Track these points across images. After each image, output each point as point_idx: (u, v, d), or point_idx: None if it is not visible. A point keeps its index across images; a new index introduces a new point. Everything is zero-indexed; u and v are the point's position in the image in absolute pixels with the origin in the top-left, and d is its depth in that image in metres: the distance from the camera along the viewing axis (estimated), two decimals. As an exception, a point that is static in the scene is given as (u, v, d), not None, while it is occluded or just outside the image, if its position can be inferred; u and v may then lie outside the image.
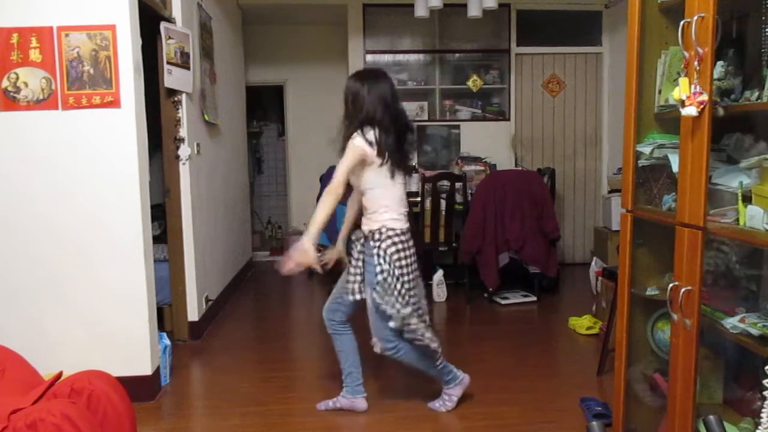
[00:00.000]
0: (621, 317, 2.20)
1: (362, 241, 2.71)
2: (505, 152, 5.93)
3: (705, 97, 1.64)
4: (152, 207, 3.17)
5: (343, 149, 2.62)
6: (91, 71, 2.79)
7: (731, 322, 1.73)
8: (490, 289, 4.66)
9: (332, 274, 2.96)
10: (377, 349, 2.72)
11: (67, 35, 2.77)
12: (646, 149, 2.02)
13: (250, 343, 3.97)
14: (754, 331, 1.64)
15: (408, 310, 2.63)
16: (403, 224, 2.68)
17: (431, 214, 4.69)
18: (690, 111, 1.67)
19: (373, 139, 2.58)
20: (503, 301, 4.71)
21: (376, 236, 2.62)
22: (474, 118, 5.97)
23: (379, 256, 2.60)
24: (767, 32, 1.76)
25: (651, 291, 2.13)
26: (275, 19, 6.39)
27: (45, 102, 2.79)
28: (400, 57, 6.00)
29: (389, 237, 2.62)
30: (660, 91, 2.04)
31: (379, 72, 2.74)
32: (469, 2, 4.99)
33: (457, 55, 6.05)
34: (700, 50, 1.66)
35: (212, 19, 4.54)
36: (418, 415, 2.80)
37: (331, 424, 2.73)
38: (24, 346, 2.33)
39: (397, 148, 2.65)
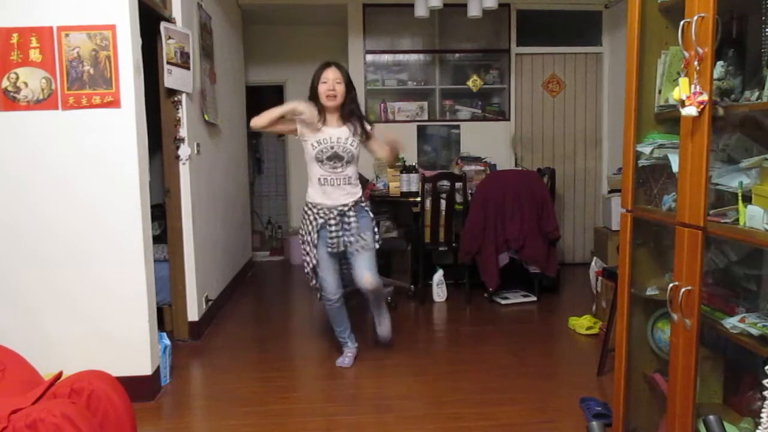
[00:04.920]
0: (621, 317, 2.20)
1: (347, 209, 3.24)
2: (505, 152, 5.94)
3: (705, 97, 1.64)
4: (152, 207, 3.18)
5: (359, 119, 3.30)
6: (91, 71, 2.80)
7: (731, 322, 1.73)
8: (490, 289, 4.66)
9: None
10: (372, 283, 3.24)
11: (67, 35, 2.77)
12: (646, 149, 2.02)
13: (250, 343, 3.97)
14: (754, 331, 1.64)
15: None
16: None
17: (431, 214, 4.69)
18: (690, 111, 1.67)
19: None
20: (503, 301, 4.71)
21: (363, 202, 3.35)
22: (474, 118, 5.97)
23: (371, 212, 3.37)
24: (767, 32, 1.76)
25: (651, 291, 2.13)
26: (275, 19, 6.39)
27: (45, 102, 2.79)
28: (400, 57, 6.00)
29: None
30: (660, 91, 2.04)
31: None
32: (469, 2, 5.00)
33: (457, 55, 6.05)
34: (700, 50, 1.66)
35: (212, 19, 4.54)
36: (418, 415, 2.80)
37: (331, 424, 2.73)
38: (24, 346, 2.33)
39: None
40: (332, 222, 3.21)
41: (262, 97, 7.09)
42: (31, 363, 2.15)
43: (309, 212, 3.28)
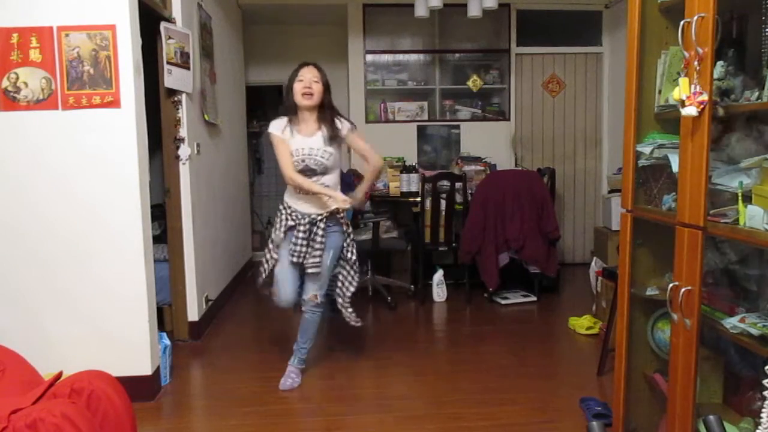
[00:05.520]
0: (621, 317, 2.20)
1: (318, 219, 3.05)
2: (505, 152, 5.94)
3: (705, 97, 1.64)
4: (152, 207, 3.18)
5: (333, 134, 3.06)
6: (91, 71, 2.79)
7: (731, 322, 1.73)
8: (490, 289, 4.66)
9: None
10: (314, 301, 3.11)
11: (67, 35, 2.77)
12: (646, 149, 2.02)
13: (250, 343, 3.97)
14: (754, 331, 1.64)
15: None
16: None
17: (431, 214, 4.69)
18: (690, 111, 1.67)
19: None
20: (503, 301, 4.71)
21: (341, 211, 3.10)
22: (474, 118, 5.97)
23: (347, 226, 3.18)
24: (767, 32, 1.76)
25: (651, 291, 2.13)
26: (275, 19, 6.38)
27: (45, 102, 2.79)
28: (400, 57, 6.00)
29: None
30: (660, 91, 2.04)
31: None
32: (469, 2, 5.00)
33: (457, 55, 6.05)
34: (700, 50, 1.66)
35: (212, 19, 4.54)
36: (418, 415, 2.80)
37: (331, 424, 2.73)
38: (24, 346, 2.33)
39: None
40: (301, 229, 3.03)
41: (262, 97, 7.12)
42: (31, 363, 2.15)
43: (282, 211, 3.13)
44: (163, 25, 3.47)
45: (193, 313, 3.89)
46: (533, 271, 4.76)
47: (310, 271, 3.05)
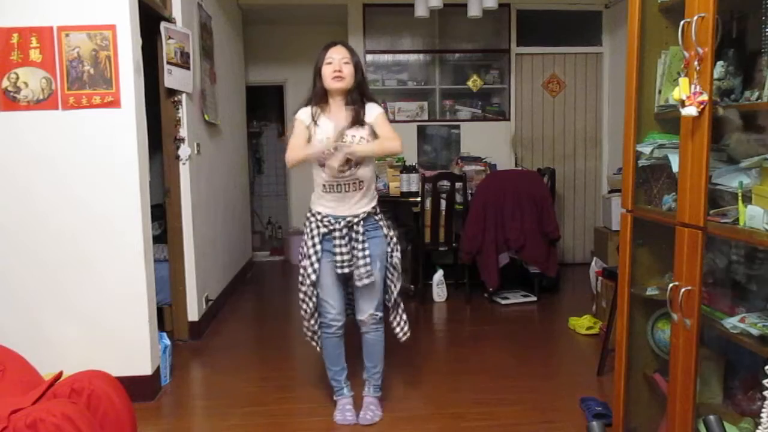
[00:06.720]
0: (621, 317, 2.20)
1: (356, 220, 2.66)
2: (505, 152, 5.94)
3: (705, 97, 1.64)
4: (152, 207, 3.17)
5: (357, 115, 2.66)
6: (91, 71, 2.79)
7: (731, 322, 1.73)
8: (490, 289, 4.66)
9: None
10: (374, 319, 2.74)
11: (67, 35, 2.77)
12: (646, 149, 2.02)
13: (250, 343, 3.97)
14: (754, 331, 1.64)
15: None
16: None
17: (431, 214, 4.69)
18: (690, 111, 1.67)
19: None
20: (503, 301, 4.71)
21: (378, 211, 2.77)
22: (474, 118, 5.97)
23: (388, 227, 2.78)
24: (767, 32, 1.76)
25: (651, 291, 2.13)
26: (275, 19, 6.39)
27: (45, 102, 2.79)
28: (400, 57, 6.00)
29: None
30: (660, 91, 2.05)
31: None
32: (469, 2, 5.00)
33: (457, 55, 6.05)
34: (700, 50, 1.66)
35: (212, 19, 4.54)
36: (418, 415, 2.80)
37: (332, 424, 2.73)
38: (24, 346, 2.33)
39: None
40: (337, 234, 2.63)
41: (262, 97, 7.12)
42: (31, 363, 2.15)
43: (312, 220, 2.71)
44: (163, 25, 3.47)
45: (193, 313, 3.89)
46: (533, 271, 4.76)
47: (363, 283, 2.65)
